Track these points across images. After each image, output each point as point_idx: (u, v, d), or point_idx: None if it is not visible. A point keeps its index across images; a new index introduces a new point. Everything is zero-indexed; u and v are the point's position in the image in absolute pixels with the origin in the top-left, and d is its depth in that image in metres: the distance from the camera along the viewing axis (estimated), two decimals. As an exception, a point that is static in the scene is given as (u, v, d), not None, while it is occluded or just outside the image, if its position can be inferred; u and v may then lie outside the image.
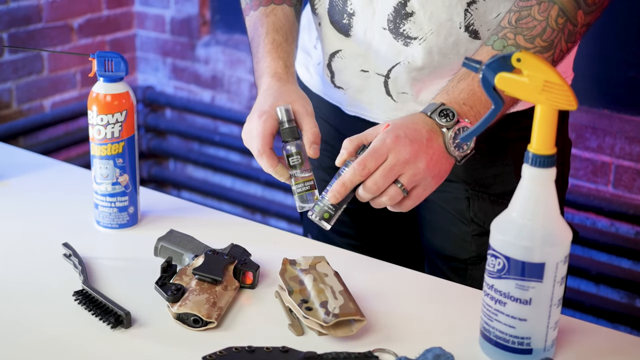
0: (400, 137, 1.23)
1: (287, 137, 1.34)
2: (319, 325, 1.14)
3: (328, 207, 1.27)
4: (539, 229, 1.06)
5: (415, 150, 1.23)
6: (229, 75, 3.43)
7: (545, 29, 1.27)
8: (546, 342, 1.10)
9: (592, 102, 2.68)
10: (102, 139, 1.41)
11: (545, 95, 1.03)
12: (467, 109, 1.28)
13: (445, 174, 1.29)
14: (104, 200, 1.45)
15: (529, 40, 1.27)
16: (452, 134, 1.26)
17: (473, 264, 1.51)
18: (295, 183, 1.34)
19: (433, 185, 1.27)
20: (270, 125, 1.34)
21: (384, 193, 1.25)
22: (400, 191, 1.24)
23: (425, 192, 1.27)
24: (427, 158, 1.24)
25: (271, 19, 1.49)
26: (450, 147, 1.26)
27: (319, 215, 1.27)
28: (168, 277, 1.25)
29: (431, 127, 1.26)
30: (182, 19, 3.49)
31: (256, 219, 3.37)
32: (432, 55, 1.41)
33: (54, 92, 3.31)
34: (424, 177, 1.24)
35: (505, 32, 1.29)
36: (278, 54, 1.45)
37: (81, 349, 1.14)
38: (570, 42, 1.29)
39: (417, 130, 1.25)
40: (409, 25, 1.40)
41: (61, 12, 3.25)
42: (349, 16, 1.45)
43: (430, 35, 1.39)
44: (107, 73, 1.39)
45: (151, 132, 3.65)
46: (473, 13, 1.37)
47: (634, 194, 2.61)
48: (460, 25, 1.38)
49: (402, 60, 1.43)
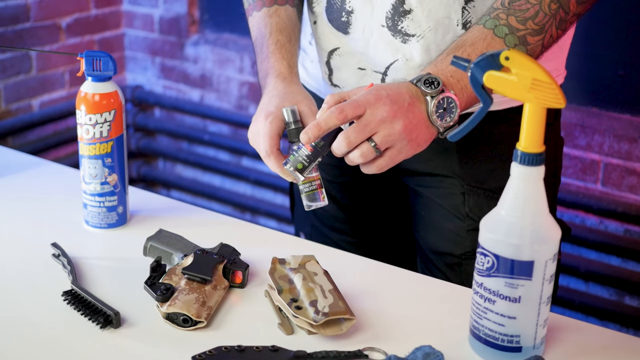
0: (381, 96, 1.23)
1: (294, 138, 1.34)
2: (308, 324, 1.14)
3: (302, 157, 1.27)
4: (527, 226, 1.06)
5: (394, 111, 1.23)
6: (218, 75, 3.42)
7: (538, 12, 1.28)
8: (535, 340, 1.10)
9: (581, 100, 2.68)
10: (90, 138, 1.41)
11: (534, 94, 1.03)
12: (454, 81, 1.27)
13: (425, 143, 1.28)
14: (92, 200, 1.45)
15: (521, 22, 1.28)
16: (436, 103, 1.25)
17: (468, 259, 1.51)
18: (303, 182, 1.34)
19: (409, 149, 1.26)
20: (277, 126, 1.34)
21: (356, 148, 1.24)
22: (372, 149, 1.23)
23: (400, 155, 1.26)
24: (406, 121, 1.23)
25: (274, 20, 1.50)
26: (433, 116, 1.26)
27: (293, 166, 1.28)
28: (157, 277, 1.25)
29: (415, 93, 1.26)
30: (171, 18, 3.48)
31: (246, 218, 3.37)
32: (430, 53, 1.41)
33: (42, 92, 3.30)
34: (399, 138, 1.24)
35: (498, 12, 1.29)
36: (282, 54, 1.46)
37: (70, 349, 1.13)
38: (560, 28, 1.30)
39: (400, 94, 1.25)
40: (407, 23, 1.40)
41: (49, 12, 3.24)
42: (347, 14, 1.45)
43: (428, 33, 1.40)
44: (95, 72, 1.39)
45: (140, 132, 3.65)
46: (470, 10, 1.38)
47: (622, 192, 2.62)
48: (458, 22, 1.39)
49: (400, 58, 1.43)
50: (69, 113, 3.35)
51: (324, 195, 1.35)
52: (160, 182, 3.64)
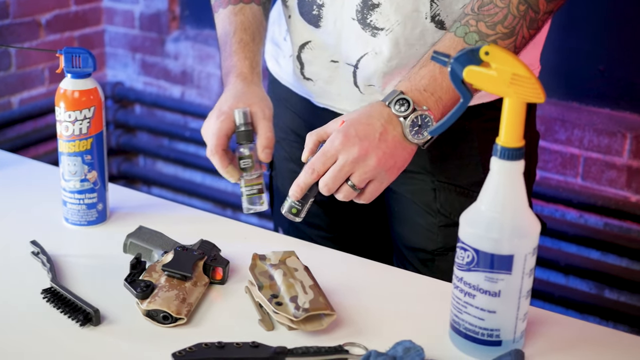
0: (350, 136, 1.26)
1: (241, 140, 1.39)
2: (289, 320, 1.14)
3: (295, 203, 1.33)
4: (507, 221, 1.06)
5: (364, 148, 1.26)
6: (198, 71, 3.41)
7: (506, 15, 1.28)
8: (515, 334, 1.11)
9: (560, 94, 2.69)
10: (70, 135, 1.40)
11: (513, 88, 1.04)
12: (428, 95, 1.29)
13: (405, 163, 1.31)
14: (72, 197, 1.44)
15: (491, 27, 1.28)
16: (409, 123, 1.28)
17: (440, 255, 1.52)
18: (245, 185, 1.41)
19: (390, 177, 1.30)
20: (226, 127, 1.39)
21: (338, 191, 1.29)
22: (351, 189, 1.29)
23: (382, 185, 1.31)
24: (379, 153, 1.27)
25: (239, 18, 1.51)
26: (408, 136, 1.28)
27: (288, 211, 1.34)
28: (137, 274, 1.25)
29: (387, 118, 1.28)
30: (151, 14, 3.47)
31: (227, 214, 3.36)
32: (399, 46, 1.41)
33: (22, 89, 3.28)
34: (375, 172, 1.28)
35: (468, 18, 1.30)
36: (245, 53, 1.48)
37: (50, 347, 1.13)
38: (532, 29, 1.31)
39: (369, 125, 1.28)
40: (376, 16, 1.40)
41: (29, 8, 3.22)
42: (318, 7, 1.45)
43: (397, 26, 1.40)
44: (75, 69, 1.38)
45: (121, 128, 3.63)
46: (439, 4, 1.38)
47: (602, 186, 2.63)
48: (427, 15, 1.39)
49: (369, 51, 1.43)
50: (49, 110, 3.32)
51: (263, 201, 1.42)
52: (141, 179, 3.63)
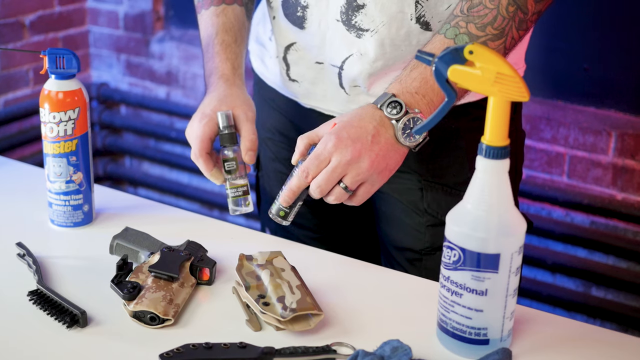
0: (342, 138, 1.26)
1: (225, 143, 1.41)
2: (276, 320, 1.14)
3: (283, 206, 1.33)
4: (493, 220, 1.06)
5: (357, 150, 1.26)
6: (184, 71, 3.41)
7: (496, 17, 1.28)
8: (502, 333, 1.11)
9: (546, 93, 2.70)
10: (54, 136, 1.40)
11: (498, 87, 1.04)
12: (420, 97, 1.29)
13: (397, 165, 1.31)
14: (57, 198, 1.44)
15: (480, 28, 1.28)
16: (402, 126, 1.28)
17: (427, 254, 1.52)
18: (229, 187, 1.43)
19: (382, 179, 1.30)
20: (210, 130, 1.39)
21: (330, 193, 1.29)
22: (344, 192, 1.29)
23: (373, 188, 1.31)
24: (372, 155, 1.27)
25: (221, 20, 1.52)
26: (400, 138, 1.28)
27: (276, 214, 1.34)
28: (124, 275, 1.24)
29: (380, 120, 1.28)
30: (136, 14, 3.46)
31: (214, 215, 3.35)
32: (384, 47, 1.41)
33: (6, 90, 3.26)
34: (368, 174, 1.28)
35: (457, 20, 1.30)
36: (227, 55, 1.48)
37: (37, 350, 1.12)
38: (521, 29, 1.31)
39: (362, 128, 1.27)
40: (361, 18, 1.40)
41: (12, 9, 3.21)
42: (302, 9, 1.45)
43: (382, 27, 1.40)
44: (59, 70, 1.38)
45: (106, 129, 3.62)
46: (424, 5, 1.38)
47: (588, 184, 2.64)
48: (412, 17, 1.39)
49: (354, 52, 1.43)
50: (34, 111, 3.31)
51: (249, 202, 1.44)
52: (127, 180, 3.62)
